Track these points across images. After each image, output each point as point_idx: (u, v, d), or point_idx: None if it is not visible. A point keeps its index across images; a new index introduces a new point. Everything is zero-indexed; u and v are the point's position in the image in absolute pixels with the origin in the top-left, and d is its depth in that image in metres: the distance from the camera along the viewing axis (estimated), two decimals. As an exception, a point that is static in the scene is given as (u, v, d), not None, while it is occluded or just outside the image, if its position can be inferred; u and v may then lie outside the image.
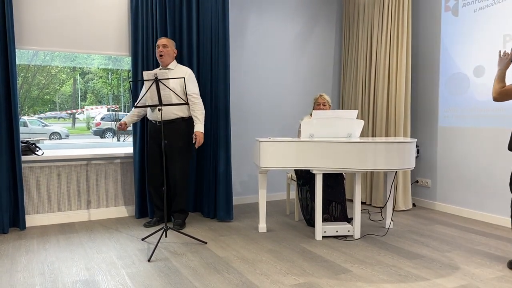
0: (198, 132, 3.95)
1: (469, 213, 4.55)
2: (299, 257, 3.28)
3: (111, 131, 12.49)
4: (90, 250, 3.44)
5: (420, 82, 5.12)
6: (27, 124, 14.50)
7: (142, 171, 4.40)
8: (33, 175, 4.17)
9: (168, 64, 4.05)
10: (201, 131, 3.97)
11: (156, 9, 4.33)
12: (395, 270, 3.01)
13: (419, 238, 3.79)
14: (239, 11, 5.09)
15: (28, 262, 3.17)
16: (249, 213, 4.72)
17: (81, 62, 7.66)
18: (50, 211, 4.25)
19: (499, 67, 3.17)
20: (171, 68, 4.04)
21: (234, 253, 3.37)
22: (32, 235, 3.84)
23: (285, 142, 3.70)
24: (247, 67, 5.20)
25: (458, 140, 4.68)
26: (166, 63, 4.04)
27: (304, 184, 4.17)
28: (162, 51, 3.98)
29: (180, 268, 3.04)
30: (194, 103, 3.99)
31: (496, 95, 3.14)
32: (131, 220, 4.38)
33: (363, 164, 3.55)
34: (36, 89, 10.13)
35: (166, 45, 4.00)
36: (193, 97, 3.99)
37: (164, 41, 4.01)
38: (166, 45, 4.00)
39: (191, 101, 3.98)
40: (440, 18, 4.85)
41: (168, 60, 4.03)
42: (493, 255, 3.34)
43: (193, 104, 3.99)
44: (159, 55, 4.00)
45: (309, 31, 5.57)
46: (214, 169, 4.42)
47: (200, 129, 3.97)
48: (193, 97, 3.99)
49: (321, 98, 4.36)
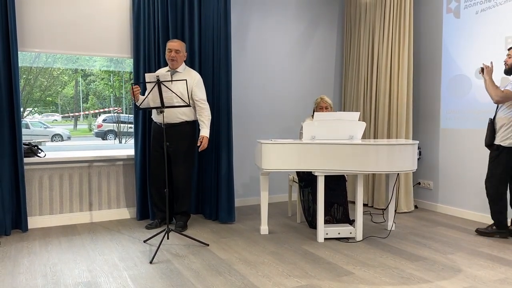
0: (203, 136, 3.96)
1: (471, 215, 4.54)
2: (301, 259, 3.28)
3: (113, 133, 12.52)
4: (92, 252, 3.44)
5: (422, 83, 5.12)
6: (29, 126, 14.52)
7: (143, 173, 4.41)
8: (35, 177, 4.17)
9: (177, 68, 4.05)
10: (206, 136, 3.97)
11: (158, 11, 4.34)
12: (398, 272, 3.00)
13: (421, 240, 3.78)
14: (241, 13, 5.10)
15: (31, 264, 3.17)
16: (251, 215, 4.72)
17: (83, 64, 7.66)
18: (52, 213, 4.25)
19: (488, 76, 3.80)
20: (180, 71, 4.03)
21: (236, 255, 3.37)
22: (34, 237, 3.85)
23: (287, 144, 3.70)
24: (248, 69, 5.20)
25: (460, 142, 4.67)
26: (176, 67, 4.02)
27: (306, 186, 4.17)
28: (175, 56, 3.95)
29: (182, 270, 3.04)
30: (201, 108, 4.00)
31: (498, 98, 3.71)
32: (133, 222, 4.38)
33: (365, 166, 3.54)
34: (38, 91, 10.14)
35: (179, 50, 3.96)
36: (201, 103, 4.00)
37: (177, 46, 3.96)
38: (179, 51, 3.96)
39: (198, 106, 3.99)
40: (442, 20, 4.85)
41: (178, 65, 4.02)
42: (496, 257, 3.33)
43: (200, 109, 4.00)
44: (170, 59, 3.97)
45: (311, 33, 5.58)
46: (216, 171, 4.42)
47: (206, 134, 3.98)
48: (201, 103, 4.00)
49: (323, 101, 4.35)
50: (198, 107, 4.00)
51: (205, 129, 3.99)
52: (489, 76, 3.80)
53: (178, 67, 4.03)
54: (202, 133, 3.97)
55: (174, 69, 4.02)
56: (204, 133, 3.98)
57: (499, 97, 3.69)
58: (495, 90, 3.73)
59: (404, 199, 4.89)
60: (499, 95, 3.69)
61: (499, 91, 3.72)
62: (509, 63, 3.73)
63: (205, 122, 4.00)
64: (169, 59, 3.98)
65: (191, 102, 3.88)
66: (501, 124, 3.76)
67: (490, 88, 3.76)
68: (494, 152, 3.83)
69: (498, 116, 3.81)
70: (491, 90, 3.75)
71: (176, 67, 4.02)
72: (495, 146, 3.81)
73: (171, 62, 3.99)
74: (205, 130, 3.99)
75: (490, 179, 3.87)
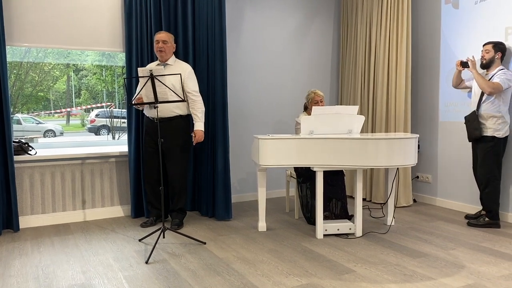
0: (197, 131, 3.86)
1: (471, 208, 4.49)
2: (300, 257, 3.21)
3: (106, 128, 12.38)
4: (86, 252, 3.35)
5: (420, 76, 5.04)
6: (21, 122, 14.32)
7: (137, 170, 4.31)
8: (26, 175, 4.06)
9: (167, 60, 3.94)
10: (201, 129, 3.88)
11: (150, 3, 4.22)
12: (400, 270, 2.94)
13: (422, 235, 3.72)
14: (235, 4, 4.98)
15: (22, 266, 3.07)
16: (248, 211, 4.64)
17: (74, 59, 7.51)
18: (44, 212, 4.15)
19: (474, 69, 3.95)
20: (170, 64, 3.93)
21: (234, 254, 3.29)
22: (26, 237, 3.74)
23: (285, 139, 3.62)
24: (243, 62, 5.09)
25: (459, 135, 4.61)
26: (165, 58, 3.92)
27: (304, 182, 4.09)
28: (162, 47, 3.86)
29: (179, 270, 2.96)
30: (194, 100, 3.90)
31: (491, 89, 3.80)
32: (127, 220, 4.29)
33: (365, 161, 3.47)
34: (29, 86, 9.97)
35: (166, 40, 3.87)
36: (193, 95, 3.89)
37: (164, 37, 3.88)
38: (166, 41, 3.87)
39: (190, 98, 3.89)
40: (440, 10, 4.76)
41: (167, 56, 3.92)
42: (498, 252, 3.28)
43: (192, 102, 3.90)
44: (158, 51, 3.88)
45: (307, 25, 5.47)
46: (212, 167, 4.33)
47: (200, 127, 3.88)
48: (193, 95, 3.89)
49: (317, 95, 4.28)
50: (191, 100, 3.89)
51: (198, 123, 3.89)
52: (475, 69, 3.96)
53: (167, 59, 3.93)
54: (196, 127, 3.88)
55: (164, 61, 3.92)
56: (198, 126, 3.88)
57: (492, 88, 3.80)
58: (487, 82, 3.86)
59: (403, 193, 4.83)
60: (492, 86, 3.80)
61: (490, 82, 3.84)
62: (487, 58, 3.94)
63: (198, 115, 3.90)
64: (157, 51, 3.89)
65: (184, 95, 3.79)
66: (490, 116, 3.89)
67: (480, 80, 3.87)
68: (488, 144, 3.92)
69: (483, 109, 3.93)
70: (483, 82, 3.85)
71: (165, 59, 3.92)
72: (489, 137, 3.90)
73: (159, 53, 3.89)
74: (199, 124, 3.89)
75: (484, 166, 3.95)
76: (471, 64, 3.99)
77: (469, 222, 4.05)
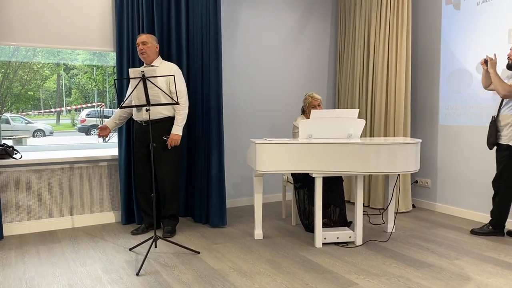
0: (173, 134, 3.68)
1: (471, 214, 4.38)
2: (300, 268, 3.06)
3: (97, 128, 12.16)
4: (73, 263, 3.17)
5: (420, 78, 4.93)
6: (10, 122, 14.04)
7: (128, 174, 4.13)
8: (11, 180, 3.87)
9: (152, 61, 3.78)
10: (176, 133, 3.69)
11: (142, 2, 4.05)
12: (404, 282, 2.80)
13: (423, 244, 3.59)
14: (230, 4, 4.83)
15: (5, 278, 2.89)
16: (243, 217, 4.49)
17: (65, 58, 7.31)
18: (30, 218, 3.96)
19: (492, 69, 3.65)
20: (156, 65, 3.76)
21: (229, 264, 3.13)
22: (10, 246, 3.56)
23: (283, 144, 3.47)
24: (237, 64, 4.94)
25: (459, 139, 4.50)
26: (150, 60, 3.77)
27: (301, 187, 3.95)
28: (143, 48, 3.71)
29: (172, 283, 2.80)
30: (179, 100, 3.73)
31: (506, 92, 3.55)
32: (118, 227, 4.12)
33: (365, 166, 3.33)
34: (18, 85, 9.74)
35: (146, 41, 3.72)
36: (178, 95, 3.71)
37: (143, 38, 3.73)
38: (146, 42, 3.72)
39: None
40: (441, 11, 4.65)
41: (151, 57, 3.76)
42: (504, 262, 3.16)
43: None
44: (140, 53, 3.74)
45: (303, 26, 5.33)
46: (206, 171, 4.17)
47: (176, 131, 3.69)
48: (178, 95, 3.71)
49: (314, 99, 4.14)
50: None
51: (176, 126, 3.71)
52: (493, 69, 3.66)
53: (152, 60, 3.78)
54: (173, 130, 3.69)
55: (149, 63, 3.77)
56: (175, 130, 3.69)
57: (507, 91, 3.54)
58: (502, 84, 3.58)
59: (402, 198, 4.71)
60: (507, 89, 3.54)
61: (506, 85, 3.57)
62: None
63: (178, 118, 3.71)
64: (140, 54, 3.74)
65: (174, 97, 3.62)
66: (506, 122, 3.60)
67: (496, 82, 3.61)
68: (503, 153, 3.65)
69: (502, 114, 3.64)
70: (498, 84, 3.60)
71: (150, 61, 3.77)
72: (504, 146, 3.63)
73: (142, 56, 3.75)
74: (176, 127, 3.70)
75: (499, 180, 3.70)
76: (490, 63, 3.68)
77: (472, 230, 3.92)
